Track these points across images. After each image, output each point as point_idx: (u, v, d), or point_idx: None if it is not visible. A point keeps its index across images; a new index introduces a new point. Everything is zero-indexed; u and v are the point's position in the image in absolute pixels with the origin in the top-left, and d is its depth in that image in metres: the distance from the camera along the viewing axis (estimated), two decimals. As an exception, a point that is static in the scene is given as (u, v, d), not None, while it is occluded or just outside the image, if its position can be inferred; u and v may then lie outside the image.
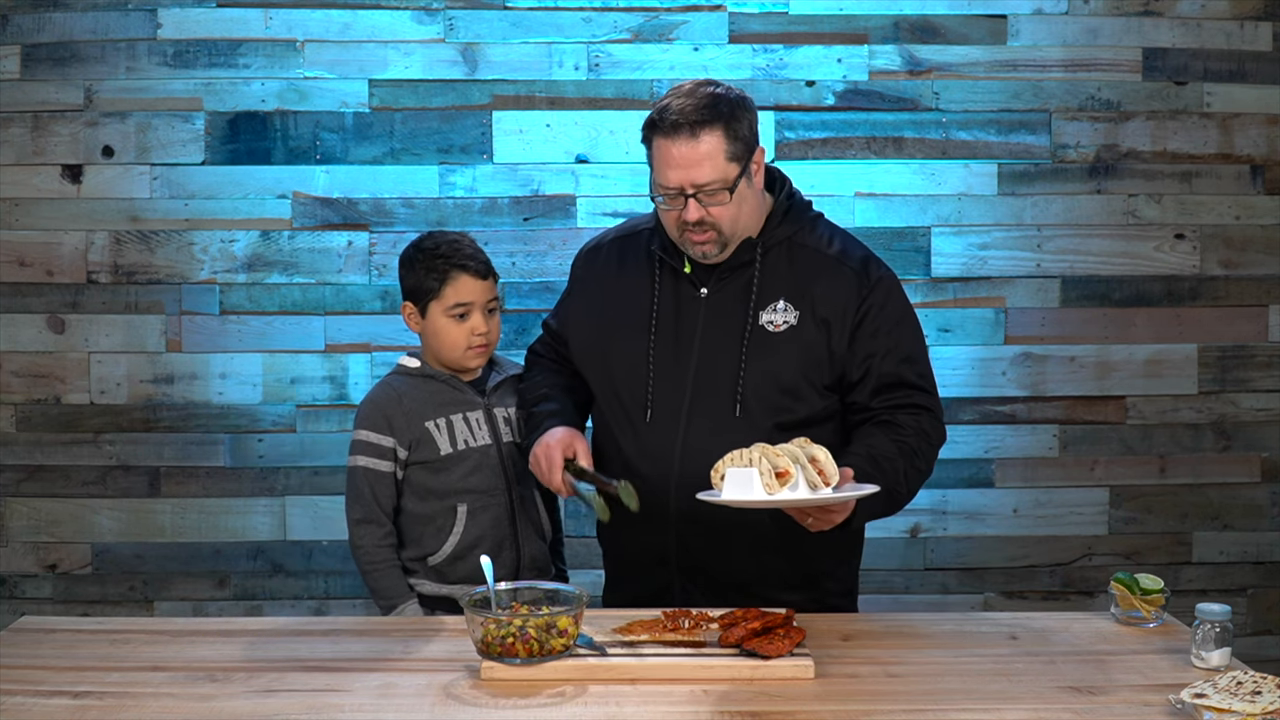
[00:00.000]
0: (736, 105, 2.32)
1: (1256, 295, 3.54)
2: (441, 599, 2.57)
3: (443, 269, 2.56)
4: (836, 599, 2.51)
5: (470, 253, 2.59)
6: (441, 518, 2.57)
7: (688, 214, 2.30)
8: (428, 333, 2.60)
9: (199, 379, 3.43)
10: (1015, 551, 3.54)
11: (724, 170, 2.29)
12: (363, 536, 2.58)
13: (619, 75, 3.42)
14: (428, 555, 2.57)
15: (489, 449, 2.59)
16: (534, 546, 2.61)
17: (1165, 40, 3.47)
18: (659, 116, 2.31)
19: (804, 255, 2.42)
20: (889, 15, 3.43)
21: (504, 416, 2.63)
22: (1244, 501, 3.57)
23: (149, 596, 3.47)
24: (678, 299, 2.43)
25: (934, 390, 2.45)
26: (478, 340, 2.57)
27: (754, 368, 2.37)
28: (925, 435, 2.38)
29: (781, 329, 2.38)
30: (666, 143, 2.30)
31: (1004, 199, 3.48)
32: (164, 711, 1.89)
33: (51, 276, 3.42)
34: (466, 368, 2.61)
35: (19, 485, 3.44)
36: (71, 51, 3.37)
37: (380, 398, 2.60)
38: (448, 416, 2.58)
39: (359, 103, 3.41)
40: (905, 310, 2.46)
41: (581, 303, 2.57)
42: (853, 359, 2.39)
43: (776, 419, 2.36)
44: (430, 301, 2.58)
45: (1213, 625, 2.05)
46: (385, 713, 1.89)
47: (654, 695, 1.94)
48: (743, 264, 2.40)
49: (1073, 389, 3.52)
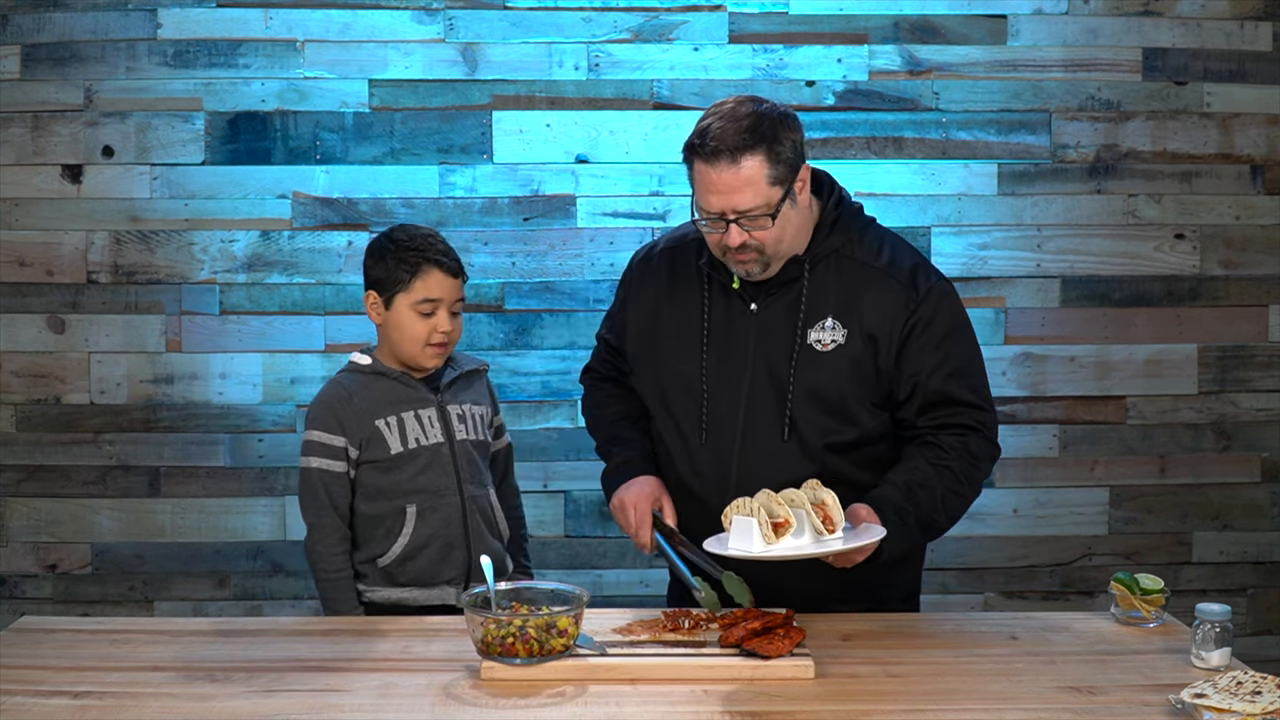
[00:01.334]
0: (779, 125, 2.24)
1: (1256, 295, 3.54)
2: (388, 608, 2.51)
3: (414, 261, 2.50)
4: (898, 604, 2.46)
5: (443, 249, 2.54)
6: (391, 519, 2.51)
7: (729, 239, 2.24)
8: (389, 324, 2.53)
9: (199, 379, 3.43)
10: (1015, 551, 3.54)
11: (766, 195, 2.22)
12: (317, 540, 2.51)
13: (619, 75, 3.42)
14: (377, 557, 2.52)
15: (440, 447, 2.53)
16: (486, 547, 2.54)
17: (1165, 40, 3.47)
18: (699, 140, 2.22)
19: (852, 268, 2.34)
20: (889, 15, 3.43)
21: (458, 414, 2.56)
22: (1244, 501, 3.57)
23: (149, 596, 3.47)
24: (729, 315, 2.37)
25: (986, 405, 2.36)
26: (439, 338, 2.51)
27: (801, 389, 2.31)
28: (970, 458, 2.31)
29: (830, 348, 2.31)
30: (706, 168, 2.21)
31: (1004, 199, 3.48)
32: (164, 711, 1.89)
33: (51, 276, 3.42)
34: (422, 366, 2.54)
35: (19, 485, 3.44)
36: (71, 51, 3.37)
37: (330, 397, 2.54)
38: (399, 414, 2.52)
39: (359, 103, 3.41)
40: (956, 321, 2.36)
41: (634, 316, 2.50)
42: (900, 375, 2.32)
43: (825, 440, 2.32)
44: (398, 293, 2.50)
45: (1213, 625, 2.05)
46: (385, 713, 1.89)
47: (654, 695, 1.94)
48: (790, 280, 2.34)
49: (1073, 389, 3.52)
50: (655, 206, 3.44)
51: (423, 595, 2.50)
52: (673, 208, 3.42)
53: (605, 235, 3.44)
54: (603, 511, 3.45)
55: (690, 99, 3.42)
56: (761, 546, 2.07)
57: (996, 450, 2.38)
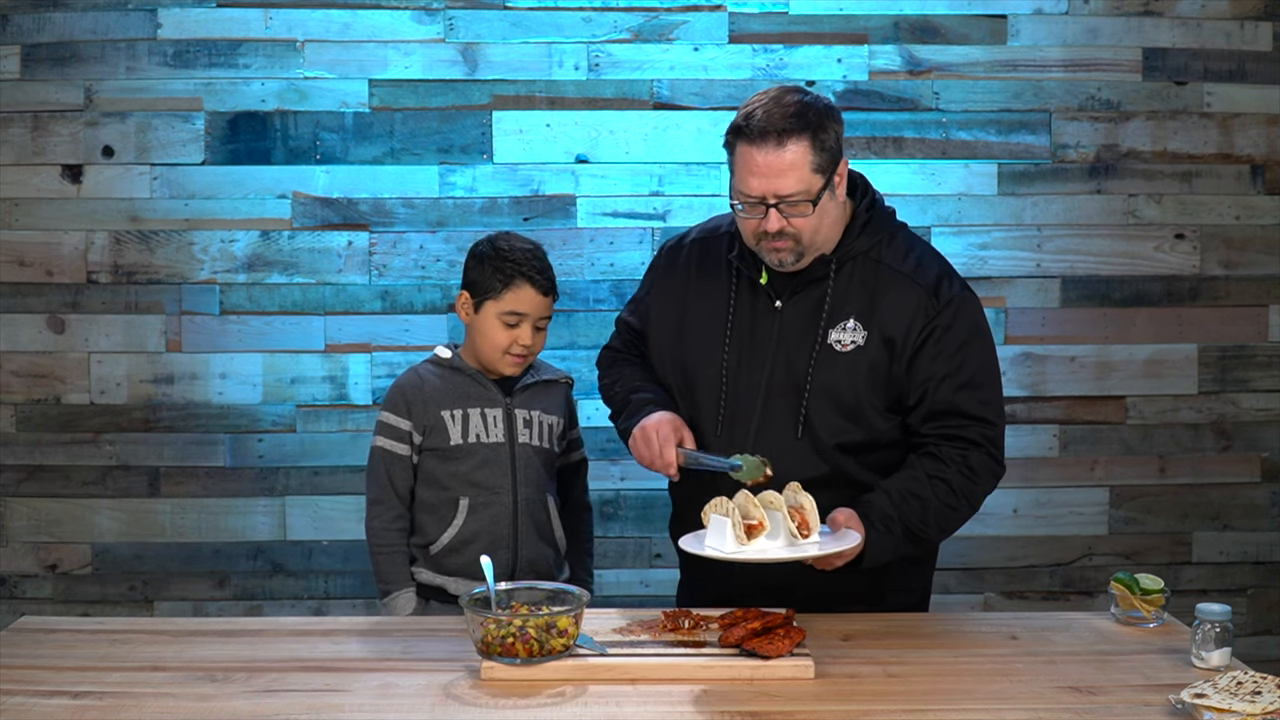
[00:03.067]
0: (824, 115, 2.25)
1: (1256, 295, 3.54)
2: (435, 589, 2.58)
3: (510, 273, 2.57)
4: (906, 607, 2.45)
5: (540, 267, 2.59)
6: (444, 508, 2.58)
7: (768, 224, 2.24)
8: (474, 328, 2.61)
9: (199, 379, 3.43)
10: (1015, 551, 3.54)
11: (808, 181, 2.22)
12: (374, 516, 2.61)
13: (619, 75, 3.42)
14: (429, 544, 2.59)
15: (500, 447, 2.59)
16: (533, 550, 2.60)
17: (1165, 40, 3.47)
18: (744, 122, 2.23)
19: (878, 271, 2.34)
20: (889, 15, 3.44)
21: (525, 419, 2.62)
22: (1244, 501, 3.57)
23: (149, 596, 3.47)
24: (754, 310, 2.38)
25: (995, 420, 2.35)
26: (519, 350, 2.58)
27: (818, 388, 2.32)
28: (969, 472, 2.30)
29: (849, 349, 2.32)
30: (751, 150, 2.22)
31: (1004, 199, 3.48)
32: (164, 711, 1.89)
33: (51, 276, 3.42)
34: (500, 372, 2.62)
35: (19, 485, 3.44)
36: (71, 51, 3.37)
37: (405, 382, 2.63)
38: (465, 409, 2.59)
39: (359, 103, 3.41)
40: (975, 334, 2.36)
41: (659, 304, 2.51)
42: (911, 381, 2.32)
43: (837, 440, 2.32)
44: (487, 299, 2.58)
45: (1213, 625, 2.05)
46: (385, 713, 1.89)
47: (654, 695, 1.94)
48: (817, 279, 2.34)
49: (1073, 389, 3.52)
50: (655, 206, 3.44)
51: (464, 586, 2.53)
52: (673, 208, 3.43)
53: (605, 235, 3.44)
54: (604, 511, 3.46)
55: (690, 99, 3.42)
56: (734, 547, 2.09)
57: (1000, 469, 2.36)
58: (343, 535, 3.44)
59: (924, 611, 2.52)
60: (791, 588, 2.30)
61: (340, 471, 3.43)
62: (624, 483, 3.47)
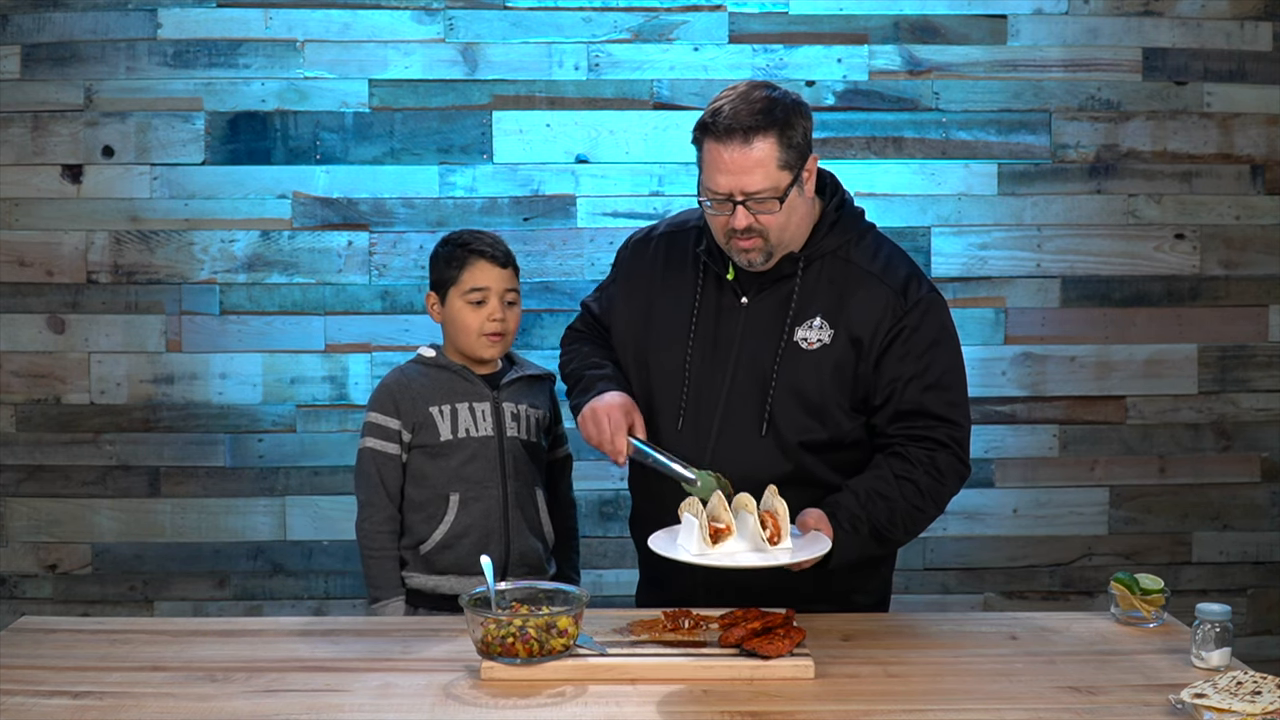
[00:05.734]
0: (792, 111, 2.23)
1: (1256, 295, 3.54)
2: (426, 595, 2.57)
3: (461, 256, 2.60)
4: (868, 609, 2.44)
5: (490, 241, 2.63)
6: (434, 505, 2.58)
7: (735, 221, 2.23)
8: (447, 320, 2.63)
9: (199, 379, 3.43)
10: (1015, 551, 3.55)
11: (775, 178, 2.22)
12: (365, 518, 2.60)
13: (619, 75, 3.42)
14: (419, 544, 2.58)
15: (489, 440, 2.59)
16: (525, 543, 2.60)
17: (1165, 40, 3.47)
18: (711, 119, 2.22)
19: (846, 270, 2.34)
20: (889, 15, 3.44)
21: (512, 412, 2.63)
22: (1244, 501, 3.57)
23: (149, 596, 3.47)
24: (720, 305, 2.38)
25: (961, 421, 2.34)
26: (492, 326, 2.58)
27: (783, 385, 2.31)
28: (936, 473, 2.29)
29: (815, 347, 2.31)
30: (718, 147, 2.21)
31: (1004, 199, 3.48)
32: (164, 711, 1.89)
33: (51, 276, 3.42)
34: (482, 357, 2.62)
35: (19, 485, 3.44)
36: (71, 51, 3.37)
37: (391, 382, 2.64)
38: (453, 404, 2.60)
39: (359, 103, 3.41)
40: (943, 335, 2.35)
41: (624, 295, 2.51)
42: (878, 381, 2.31)
43: (801, 438, 2.32)
44: (450, 289, 2.60)
45: (1213, 625, 2.05)
46: (385, 713, 1.89)
47: (654, 695, 1.94)
48: (784, 276, 2.34)
49: (1073, 389, 3.52)
50: (655, 206, 3.44)
51: (459, 584, 2.52)
52: (673, 207, 3.42)
53: (605, 235, 3.44)
54: (603, 511, 3.46)
55: (690, 99, 3.42)
56: (699, 549, 2.08)
57: (965, 470, 2.36)
58: (343, 535, 3.44)
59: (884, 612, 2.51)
60: (749, 586, 2.29)
61: (340, 471, 3.43)
62: (624, 483, 3.46)
